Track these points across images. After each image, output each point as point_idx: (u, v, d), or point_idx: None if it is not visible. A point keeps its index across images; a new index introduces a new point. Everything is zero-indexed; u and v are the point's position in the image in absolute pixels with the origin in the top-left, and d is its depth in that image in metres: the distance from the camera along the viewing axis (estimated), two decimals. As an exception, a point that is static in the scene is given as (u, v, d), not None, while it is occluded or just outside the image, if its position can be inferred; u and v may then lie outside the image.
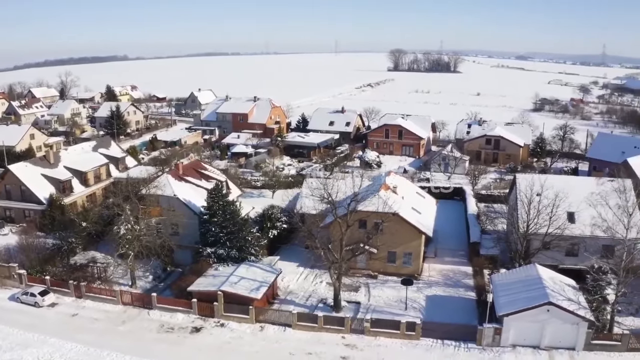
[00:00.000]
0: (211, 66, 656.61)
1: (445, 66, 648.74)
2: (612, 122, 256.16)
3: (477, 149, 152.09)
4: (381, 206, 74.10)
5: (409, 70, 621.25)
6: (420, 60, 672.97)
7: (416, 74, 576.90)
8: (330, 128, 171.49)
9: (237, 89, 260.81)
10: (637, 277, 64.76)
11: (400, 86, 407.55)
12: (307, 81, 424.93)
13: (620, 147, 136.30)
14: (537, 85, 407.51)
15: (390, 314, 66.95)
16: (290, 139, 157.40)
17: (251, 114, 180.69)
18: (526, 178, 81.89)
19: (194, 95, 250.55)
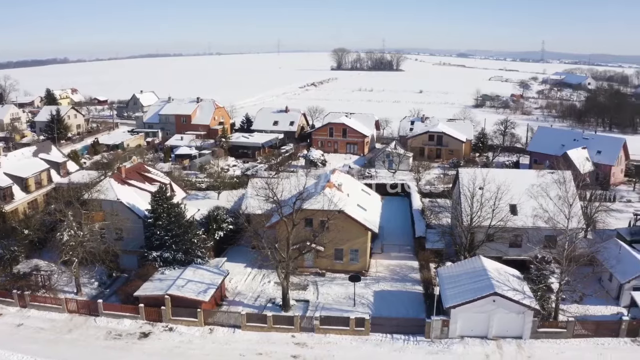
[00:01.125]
0: (153, 68, 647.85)
1: (387, 65, 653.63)
2: (551, 116, 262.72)
3: (420, 145, 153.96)
4: (327, 204, 74.59)
5: (352, 69, 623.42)
6: (363, 59, 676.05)
7: (359, 72, 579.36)
8: (274, 128, 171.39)
9: (180, 91, 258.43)
10: (579, 266, 66.90)
11: (343, 85, 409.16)
12: (250, 81, 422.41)
13: (560, 140, 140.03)
14: (478, 81, 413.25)
15: (339, 310, 67.36)
16: (235, 140, 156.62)
17: (194, 115, 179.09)
18: (469, 172, 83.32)
19: (135, 97, 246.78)
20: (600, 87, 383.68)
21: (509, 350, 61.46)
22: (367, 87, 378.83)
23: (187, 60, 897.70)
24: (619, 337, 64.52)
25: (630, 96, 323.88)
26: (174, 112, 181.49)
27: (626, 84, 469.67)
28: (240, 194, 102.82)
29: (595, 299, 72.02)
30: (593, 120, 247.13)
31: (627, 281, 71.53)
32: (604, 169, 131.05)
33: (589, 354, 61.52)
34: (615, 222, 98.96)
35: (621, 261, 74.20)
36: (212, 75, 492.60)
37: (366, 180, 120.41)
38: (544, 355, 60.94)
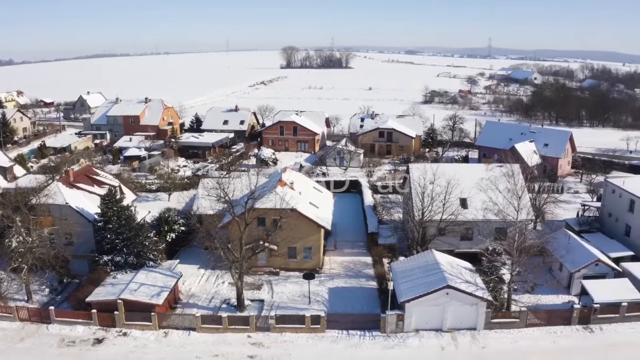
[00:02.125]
0: (100, 68, 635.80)
1: (337, 62, 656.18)
2: (499, 110, 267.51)
3: (371, 142, 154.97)
4: (279, 202, 74.33)
5: (302, 67, 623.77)
6: (313, 57, 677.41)
7: (309, 70, 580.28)
8: (224, 127, 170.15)
9: (128, 91, 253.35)
10: (530, 257, 68.10)
11: (293, 83, 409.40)
12: (199, 81, 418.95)
13: (508, 134, 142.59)
14: (426, 78, 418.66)
15: (295, 309, 67.22)
16: (185, 140, 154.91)
17: (143, 115, 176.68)
18: (419, 168, 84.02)
19: (82, 98, 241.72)
20: (546, 82, 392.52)
21: (464, 342, 62.35)
22: (317, 85, 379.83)
23: (135, 60, 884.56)
24: (571, 324, 66.22)
25: (576, 90, 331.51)
26: (122, 113, 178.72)
27: (571, 78, 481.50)
28: (191, 194, 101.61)
29: (547, 288, 73.65)
30: (540, 114, 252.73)
31: (577, 270, 73.35)
32: (551, 162, 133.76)
33: (542, 343, 62.91)
34: (563, 212, 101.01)
35: (570, 251, 75.94)
36: (160, 75, 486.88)
37: (319, 177, 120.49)
38: (498, 346, 61.96)
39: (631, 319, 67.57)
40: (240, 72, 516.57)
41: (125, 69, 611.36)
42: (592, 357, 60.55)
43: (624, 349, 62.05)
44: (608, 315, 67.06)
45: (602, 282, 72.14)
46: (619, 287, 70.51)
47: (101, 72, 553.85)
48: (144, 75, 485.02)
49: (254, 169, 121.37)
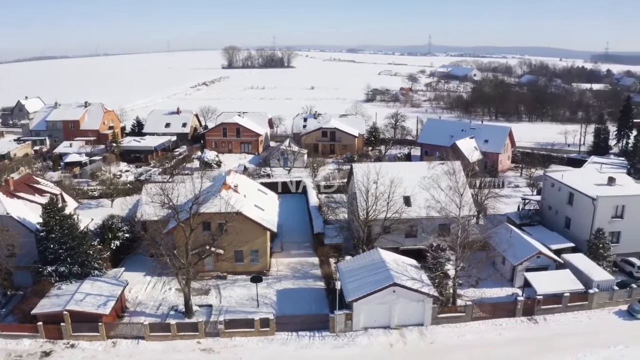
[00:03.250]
0: (39, 71, 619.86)
1: (279, 62, 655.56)
2: (440, 107, 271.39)
3: (314, 142, 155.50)
4: (224, 206, 73.99)
5: (244, 67, 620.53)
6: (254, 57, 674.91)
7: (251, 70, 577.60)
8: (166, 130, 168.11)
9: (67, 95, 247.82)
10: (473, 251, 69.55)
11: (235, 83, 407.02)
12: (140, 83, 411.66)
13: (449, 131, 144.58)
14: (368, 76, 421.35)
15: (243, 312, 67.08)
16: (126, 144, 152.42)
17: (83, 120, 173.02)
18: (362, 167, 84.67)
19: (20, 103, 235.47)
20: (485, 78, 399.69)
21: (412, 338, 63.36)
22: (259, 85, 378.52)
23: (74, 62, 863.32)
24: (515, 316, 68.16)
25: (514, 86, 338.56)
26: (62, 118, 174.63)
27: (510, 74, 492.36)
28: (134, 200, 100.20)
29: (491, 282, 75.39)
30: (480, 110, 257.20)
31: (519, 263, 75.27)
32: (491, 157, 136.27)
33: (488, 335, 64.49)
34: (505, 207, 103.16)
35: (512, 245, 77.56)
36: (100, 78, 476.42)
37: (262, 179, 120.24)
38: (446, 340, 63.22)
39: (573, 308, 69.97)
40: (182, 73, 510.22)
41: (64, 71, 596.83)
42: (536, 347, 62.14)
43: (568, 338, 63.98)
44: (551, 306, 69.29)
45: (544, 274, 74.16)
46: (561, 278, 72.67)
47: (39, 75, 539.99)
48: (83, 78, 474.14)
49: (198, 172, 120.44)
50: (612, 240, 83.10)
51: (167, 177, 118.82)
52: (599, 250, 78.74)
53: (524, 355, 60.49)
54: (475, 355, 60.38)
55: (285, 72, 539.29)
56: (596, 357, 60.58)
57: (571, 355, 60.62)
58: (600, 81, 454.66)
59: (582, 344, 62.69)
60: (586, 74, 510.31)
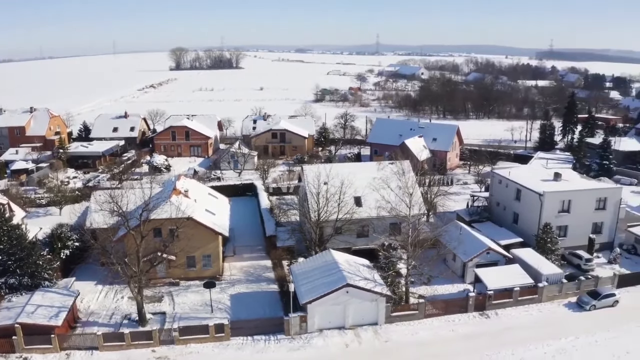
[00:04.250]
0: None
1: (227, 63, 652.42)
2: (388, 106, 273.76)
3: (264, 144, 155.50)
4: (174, 212, 73.30)
5: (192, 69, 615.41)
6: (202, 58, 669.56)
7: (199, 72, 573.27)
8: (114, 135, 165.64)
9: (12, 100, 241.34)
10: (424, 250, 70.66)
11: (183, 85, 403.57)
12: (86, 86, 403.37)
13: (398, 130, 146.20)
14: (317, 76, 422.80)
15: (198, 319, 66.48)
16: (73, 150, 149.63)
17: (28, 126, 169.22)
18: (312, 169, 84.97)
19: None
20: (433, 77, 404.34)
21: (367, 337, 63.89)
22: (207, 86, 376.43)
23: (18, 66, 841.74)
24: (467, 312, 69.53)
25: (461, 84, 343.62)
26: (6, 124, 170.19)
27: (457, 72, 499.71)
28: (83, 207, 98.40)
29: (442, 279, 76.57)
30: (428, 108, 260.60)
31: (470, 259, 76.65)
32: (440, 155, 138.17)
33: (442, 331, 65.62)
34: (454, 204, 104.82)
35: (463, 241, 79.04)
36: (45, 82, 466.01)
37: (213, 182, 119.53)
38: (400, 338, 63.98)
39: (524, 302, 71.76)
40: (129, 76, 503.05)
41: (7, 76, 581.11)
42: (489, 341, 63.36)
43: (519, 331, 65.58)
44: (502, 301, 70.82)
45: (494, 269, 75.78)
46: (511, 273, 74.35)
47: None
48: (27, 82, 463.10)
49: (147, 176, 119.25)
50: (559, 234, 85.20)
51: (115, 183, 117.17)
52: (547, 245, 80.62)
53: (477, 350, 61.50)
54: (430, 352, 61.17)
55: (233, 73, 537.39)
56: (548, 349, 62.15)
57: (523, 348, 62.05)
58: (546, 78, 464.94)
59: (533, 337, 64.31)
60: (531, 71, 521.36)
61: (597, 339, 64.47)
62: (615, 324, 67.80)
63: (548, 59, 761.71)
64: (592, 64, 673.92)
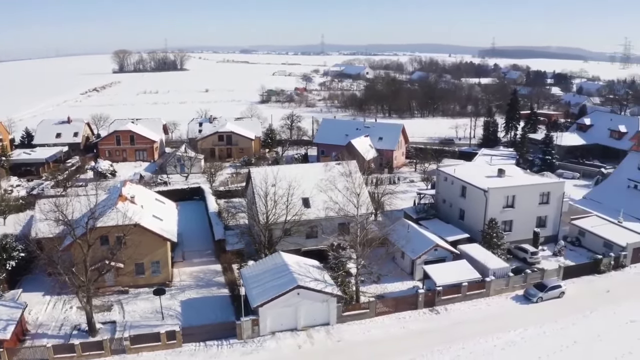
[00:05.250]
0: None
1: (171, 64, 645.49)
2: (334, 106, 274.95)
3: (210, 147, 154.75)
4: (121, 219, 72.22)
5: (135, 71, 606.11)
6: (146, 60, 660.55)
7: (143, 74, 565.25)
8: (57, 140, 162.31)
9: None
10: (373, 248, 71.48)
11: (127, 88, 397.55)
12: (28, 91, 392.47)
13: (344, 130, 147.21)
14: (262, 77, 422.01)
15: (149, 326, 65.79)
16: (16, 157, 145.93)
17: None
18: (260, 172, 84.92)
19: None
20: (378, 76, 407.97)
21: (319, 338, 64.31)
22: (152, 89, 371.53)
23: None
24: (417, 309, 70.61)
25: (406, 82, 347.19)
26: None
27: (401, 71, 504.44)
28: (28, 216, 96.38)
29: (392, 277, 78.12)
30: (373, 108, 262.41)
31: (418, 257, 77.83)
32: (386, 154, 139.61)
33: (393, 329, 66.49)
34: (401, 202, 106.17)
35: (411, 239, 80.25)
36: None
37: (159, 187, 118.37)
38: (352, 337, 64.59)
39: (472, 297, 73.30)
40: (71, 79, 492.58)
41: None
42: (440, 337, 64.51)
43: (468, 326, 67.00)
44: (451, 296, 72.23)
45: (442, 265, 77.03)
46: (458, 269, 75.77)
47: None
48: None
49: (92, 183, 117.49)
50: (504, 229, 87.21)
51: (60, 191, 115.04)
52: (493, 240, 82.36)
53: (428, 346, 62.47)
54: (382, 350, 61.92)
55: (178, 75, 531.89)
56: (497, 342, 63.65)
57: (473, 342, 63.44)
58: (488, 75, 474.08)
59: (483, 331, 65.76)
60: (474, 69, 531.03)
61: (545, 330, 66.41)
62: (562, 314, 69.99)
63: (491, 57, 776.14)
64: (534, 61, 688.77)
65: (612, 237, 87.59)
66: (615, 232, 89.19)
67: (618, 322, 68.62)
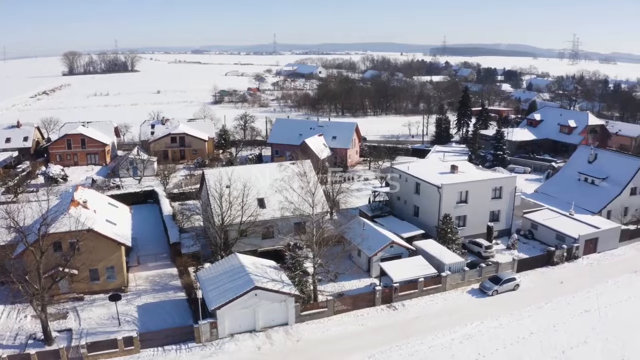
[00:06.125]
0: None
1: (122, 66, 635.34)
2: (288, 106, 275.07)
3: (163, 149, 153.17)
4: (74, 224, 71.01)
5: (86, 73, 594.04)
6: (96, 62, 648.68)
7: (94, 76, 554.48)
8: (7, 146, 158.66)
9: None
10: (330, 247, 71.89)
11: (78, 91, 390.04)
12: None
13: (298, 130, 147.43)
14: (215, 77, 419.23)
15: (105, 333, 64.79)
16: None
17: None
18: (214, 173, 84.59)
19: None
20: (330, 75, 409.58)
21: (278, 338, 64.35)
22: (103, 91, 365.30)
23: None
24: (375, 306, 71.29)
25: (359, 81, 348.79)
26: None
27: (354, 70, 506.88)
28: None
29: (349, 275, 78.47)
30: (327, 107, 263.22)
31: (374, 254, 78.50)
32: (340, 153, 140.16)
33: (351, 327, 66.97)
34: (356, 201, 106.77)
35: (366, 237, 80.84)
36: None
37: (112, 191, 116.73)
38: (311, 336, 64.91)
39: (429, 292, 74.44)
40: (20, 82, 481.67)
41: None
42: (398, 333, 65.34)
43: (426, 321, 68.14)
44: (408, 292, 73.18)
45: (398, 262, 77.97)
46: (414, 265, 76.72)
47: None
48: None
49: (43, 188, 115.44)
50: (459, 224, 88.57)
51: (11, 197, 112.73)
52: (448, 235, 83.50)
53: (387, 342, 63.16)
54: (341, 348, 62.26)
55: (129, 77, 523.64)
56: (455, 336, 64.77)
57: (431, 337, 64.45)
58: (440, 73, 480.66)
59: (440, 325, 66.89)
60: (426, 67, 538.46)
61: (501, 323, 67.78)
62: (517, 306, 71.58)
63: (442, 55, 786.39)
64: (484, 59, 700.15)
65: (564, 230, 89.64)
66: (567, 225, 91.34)
67: (572, 312, 70.48)
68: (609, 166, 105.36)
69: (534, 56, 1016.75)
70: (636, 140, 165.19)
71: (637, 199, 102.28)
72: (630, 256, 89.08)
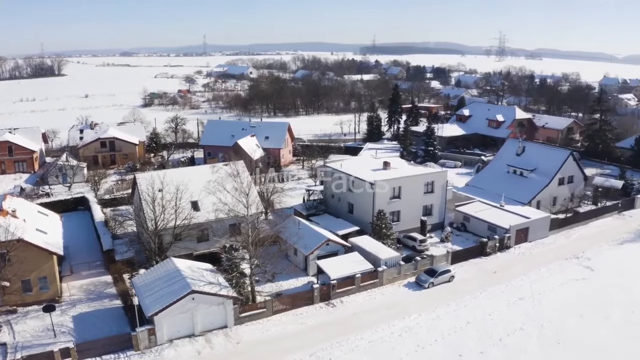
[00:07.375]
0: None
1: (49, 70, 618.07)
2: (219, 107, 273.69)
3: (93, 154, 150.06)
4: (3, 234, 69.27)
5: (11, 78, 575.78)
6: (22, 67, 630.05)
7: (19, 81, 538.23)
8: None
9: None
10: (266, 247, 72.06)
11: (3, 96, 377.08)
12: None
13: (230, 131, 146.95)
14: (144, 80, 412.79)
15: (41, 345, 63.10)
16: None
17: None
18: (146, 177, 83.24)
19: None
20: (261, 75, 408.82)
21: (218, 342, 64.02)
22: (29, 96, 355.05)
23: None
24: (314, 304, 71.78)
25: (290, 81, 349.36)
26: None
27: (285, 70, 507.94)
28: None
29: (286, 274, 78.78)
30: (258, 107, 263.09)
31: (311, 252, 79.06)
32: (273, 153, 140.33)
33: (291, 326, 67.27)
34: (291, 200, 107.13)
35: (302, 236, 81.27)
36: None
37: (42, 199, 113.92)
38: (251, 338, 64.82)
39: (366, 287, 75.51)
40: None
41: None
42: (338, 329, 66.00)
43: (365, 316, 69.04)
44: (345, 289, 73.96)
45: (335, 259, 78.60)
46: (351, 261, 77.56)
47: None
48: None
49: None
50: (393, 220, 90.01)
51: None
52: (382, 230, 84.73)
53: (327, 339, 63.70)
54: (282, 347, 62.45)
55: (56, 81, 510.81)
56: (394, 329, 65.90)
57: (371, 331, 65.36)
58: (370, 72, 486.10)
59: (379, 319, 67.90)
60: (357, 66, 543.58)
61: (438, 314, 69.38)
62: (453, 297, 73.45)
63: (372, 54, 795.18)
64: (414, 57, 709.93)
65: (496, 221, 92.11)
66: (498, 216, 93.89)
67: (507, 300, 72.69)
68: (537, 158, 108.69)
69: (462, 54, 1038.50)
70: (562, 133, 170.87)
71: (565, 189, 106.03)
72: (560, 244, 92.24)
